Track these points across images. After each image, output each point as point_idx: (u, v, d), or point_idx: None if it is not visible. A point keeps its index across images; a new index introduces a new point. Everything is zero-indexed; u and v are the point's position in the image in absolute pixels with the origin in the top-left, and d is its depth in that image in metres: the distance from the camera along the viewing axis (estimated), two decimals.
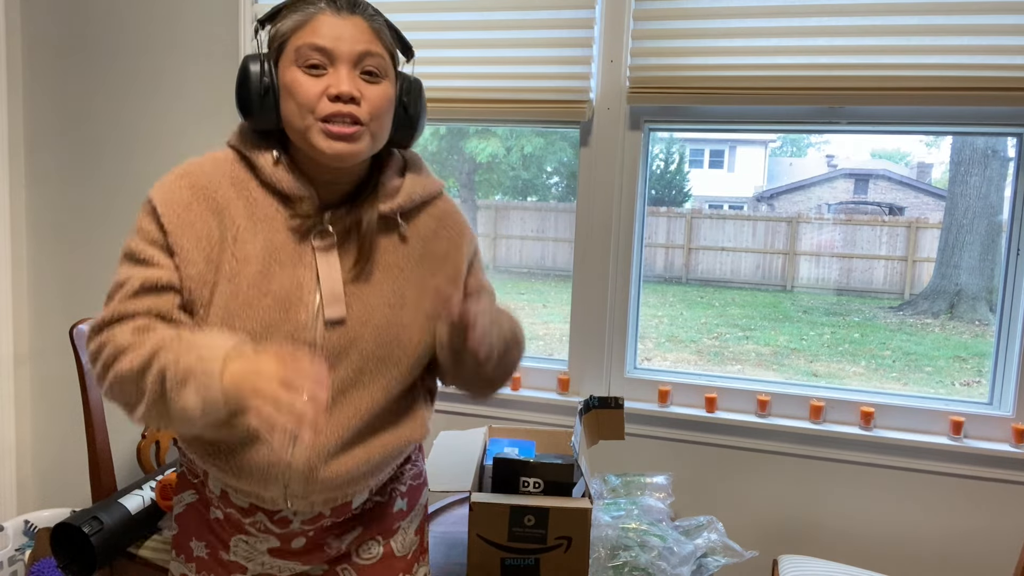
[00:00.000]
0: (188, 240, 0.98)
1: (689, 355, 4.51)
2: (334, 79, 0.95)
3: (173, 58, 2.18)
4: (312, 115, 0.95)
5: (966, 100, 1.65)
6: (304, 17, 0.96)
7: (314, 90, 0.95)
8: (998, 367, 1.79)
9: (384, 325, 1.04)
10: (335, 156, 0.96)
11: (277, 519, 1.07)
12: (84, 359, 1.72)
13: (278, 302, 0.99)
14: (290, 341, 0.99)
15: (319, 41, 0.95)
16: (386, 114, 0.99)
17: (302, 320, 0.99)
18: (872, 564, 1.82)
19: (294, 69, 0.96)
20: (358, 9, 0.98)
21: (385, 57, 0.99)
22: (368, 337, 1.02)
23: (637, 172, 1.90)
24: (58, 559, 1.59)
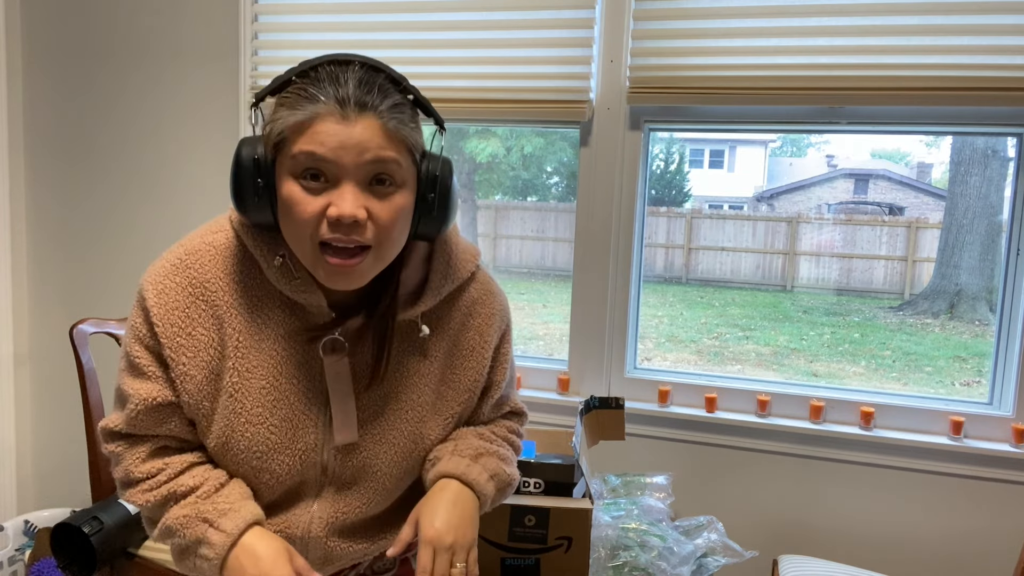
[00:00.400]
0: (185, 354, 0.89)
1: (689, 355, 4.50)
2: (337, 198, 0.80)
3: (173, 59, 2.18)
4: (310, 239, 0.82)
5: (966, 100, 1.65)
6: (305, 117, 0.80)
7: (312, 210, 0.81)
8: (998, 367, 1.79)
9: (402, 443, 0.96)
10: (335, 287, 0.85)
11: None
12: (84, 359, 1.72)
13: (285, 421, 0.91)
14: (298, 463, 0.92)
15: (319, 150, 0.79)
16: (399, 230, 0.86)
17: (311, 441, 0.92)
18: (872, 564, 1.82)
19: (291, 182, 0.82)
20: (370, 106, 0.81)
21: (402, 160, 0.83)
22: (384, 456, 0.95)
23: (637, 172, 1.90)
24: (58, 559, 1.59)
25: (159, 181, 2.23)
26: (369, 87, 0.81)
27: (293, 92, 0.82)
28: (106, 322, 1.81)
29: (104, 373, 2.34)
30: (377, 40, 1.98)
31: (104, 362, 2.30)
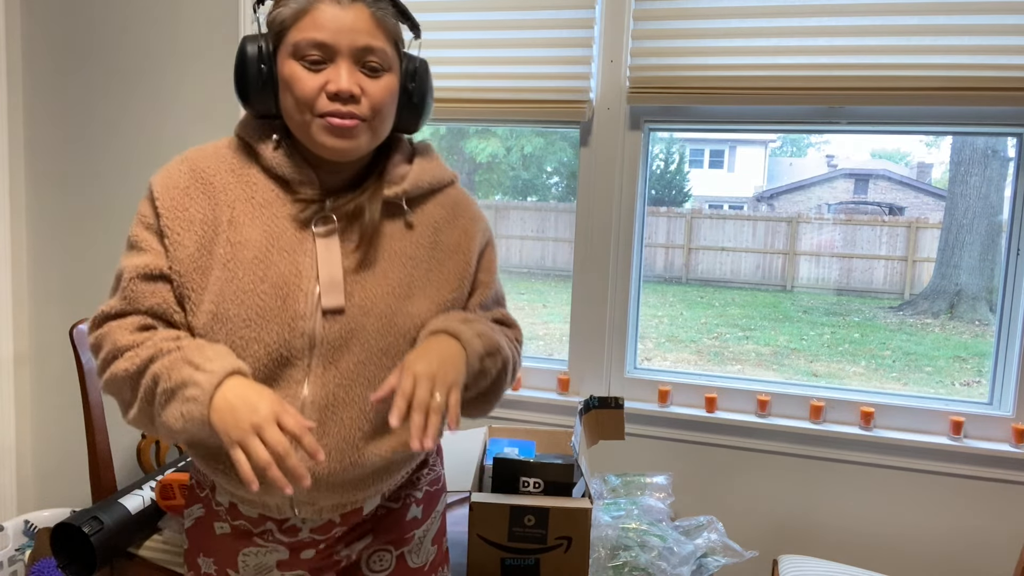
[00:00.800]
0: (179, 223, 0.96)
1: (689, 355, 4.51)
2: (334, 75, 0.91)
3: (173, 59, 2.18)
4: (311, 111, 0.92)
5: (966, 100, 1.65)
6: (304, 5, 0.92)
7: (313, 85, 0.91)
8: (998, 367, 1.79)
9: (388, 314, 0.99)
10: (334, 152, 0.94)
11: (286, 528, 1.04)
12: (84, 359, 1.72)
13: (275, 289, 0.95)
14: (287, 331, 0.95)
15: (318, 36, 0.90)
16: (388, 107, 0.96)
17: (300, 309, 0.95)
18: (872, 564, 1.82)
19: (292, 63, 0.92)
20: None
21: (388, 49, 0.95)
22: (370, 327, 0.98)
23: (637, 172, 1.90)
24: (58, 559, 1.59)
25: None
26: None
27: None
28: None
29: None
30: None
31: None
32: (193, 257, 0.95)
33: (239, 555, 1.06)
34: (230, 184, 0.98)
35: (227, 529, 1.06)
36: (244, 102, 0.97)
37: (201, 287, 0.95)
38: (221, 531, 1.07)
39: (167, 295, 0.96)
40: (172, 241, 0.95)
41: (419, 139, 1.12)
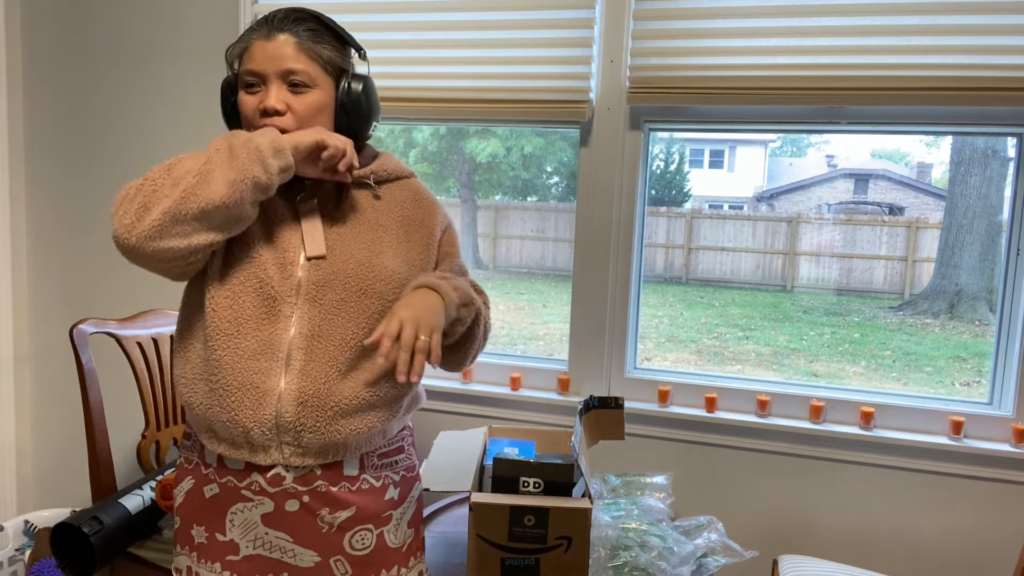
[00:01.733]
0: None
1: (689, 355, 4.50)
2: (264, 95, 1.14)
3: (173, 60, 2.18)
4: (253, 128, 1.15)
5: (966, 100, 1.65)
6: (244, 45, 1.15)
7: (252, 105, 1.15)
8: (998, 367, 1.79)
9: (364, 262, 1.16)
10: None
11: (271, 476, 1.13)
12: (84, 359, 1.72)
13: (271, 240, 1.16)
14: (278, 273, 1.13)
15: (251, 66, 1.13)
16: (315, 118, 1.16)
17: (289, 256, 1.15)
18: (872, 564, 1.82)
19: (241, 91, 1.16)
20: (287, 27, 1.13)
21: (310, 69, 1.14)
22: (350, 272, 1.15)
23: (637, 172, 1.90)
24: (58, 559, 1.59)
25: None
26: (287, 18, 1.14)
27: (246, 32, 1.16)
28: (106, 322, 1.81)
29: (104, 373, 2.34)
30: (377, 40, 1.99)
31: (104, 362, 2.30)
32: None
33: (227, 514, 1.16)
34: None
35: (216, 490, 1.16)
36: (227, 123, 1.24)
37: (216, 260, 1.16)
38: (211, 493, 1.17)
39: None
40: None
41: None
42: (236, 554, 1.17)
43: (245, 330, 1.12)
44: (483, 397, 2.04)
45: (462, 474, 1.68)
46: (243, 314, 1.12)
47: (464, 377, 2.09)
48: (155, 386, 1.87)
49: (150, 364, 1.86)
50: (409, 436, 1.31)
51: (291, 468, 1.14)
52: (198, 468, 1.20)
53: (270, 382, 1.11)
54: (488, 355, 2.14)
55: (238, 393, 1.11)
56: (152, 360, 1.87)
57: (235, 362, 1.11)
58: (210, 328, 1.12)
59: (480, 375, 2.10)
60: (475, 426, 2.04)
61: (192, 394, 1.15)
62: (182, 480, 1.22)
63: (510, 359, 2.12)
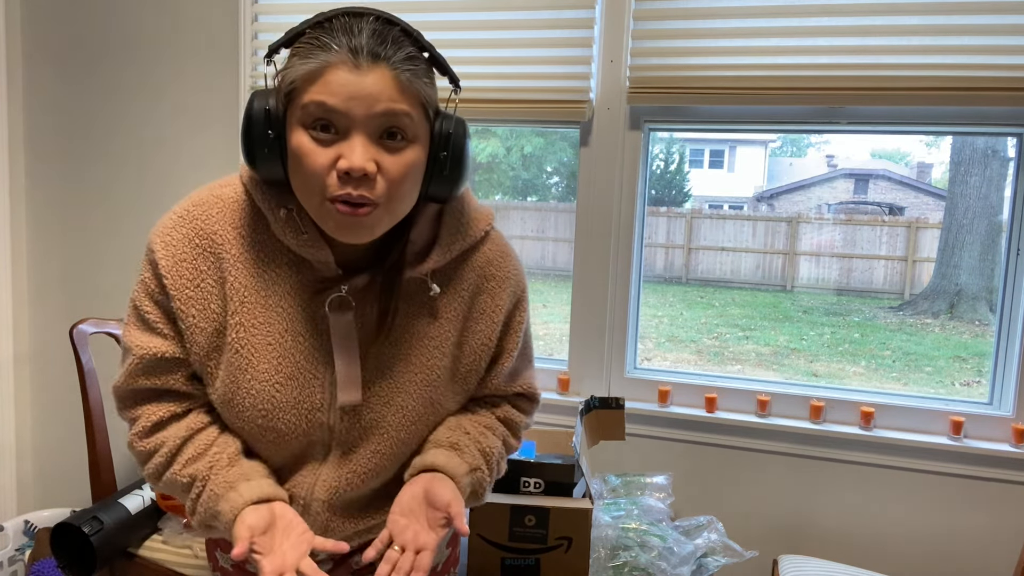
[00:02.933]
0: (195, 307, 0.88)
1: (689, 355, 4.51)
2: (347, 149, 0.79)
3: (173, 59, 2.18)
4: (319, 193, 0.80)
5: (966, 100, 1.65)
6: (317, 66, 0.79)
7: (322, 161, 0.79)
8: (998, 367, 1.79)
9: (410, 406, 0.93)
10: (343, 239, 0.83)
11: None
12: (84, 359, 1.72)
13: (290, 379, 0.89)
14: (305, 423, 0.90)
15: (330, 101, 0.78)
16: (409, 185, 0.84)
17: (316, 401, 0.90)
18: (872, 564, 1.82)
19: (301, 132, 0.80)
20: (384, 53, 0.79)
21: (414, 114, 0.81)
22: (391, 420, 0.92)
23: (637, 172, 1.90)
24: (58, 559, 1.59)
25: (159, 181, 2.23)
26: (383, 38, 0.80)
27: (306, 42, 0.81)
28: (106, 322, 1.81)
29: (104, 373, 2.34)
30: None
31: (104, 362, 2.30)
32: (210, 339, 0.89)
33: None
34: (240, 257, 0.89)
35: None
36: (251, 167, 0.86)
37: (215, 367, 0.90)
38: None
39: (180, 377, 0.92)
40: (188, 326, 0.89)
41: None
42: None
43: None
44: None
45: None
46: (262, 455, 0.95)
47: None
48: None
49: None
50: None
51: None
52: None
53: None
54: None
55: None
56: None
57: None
58: None
59: None
60: None
61: None
62: None
63: None
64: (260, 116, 0.82)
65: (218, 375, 0.90)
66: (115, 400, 0.96)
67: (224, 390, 0.90)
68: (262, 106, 0.82)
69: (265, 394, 0.89)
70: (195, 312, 0.88)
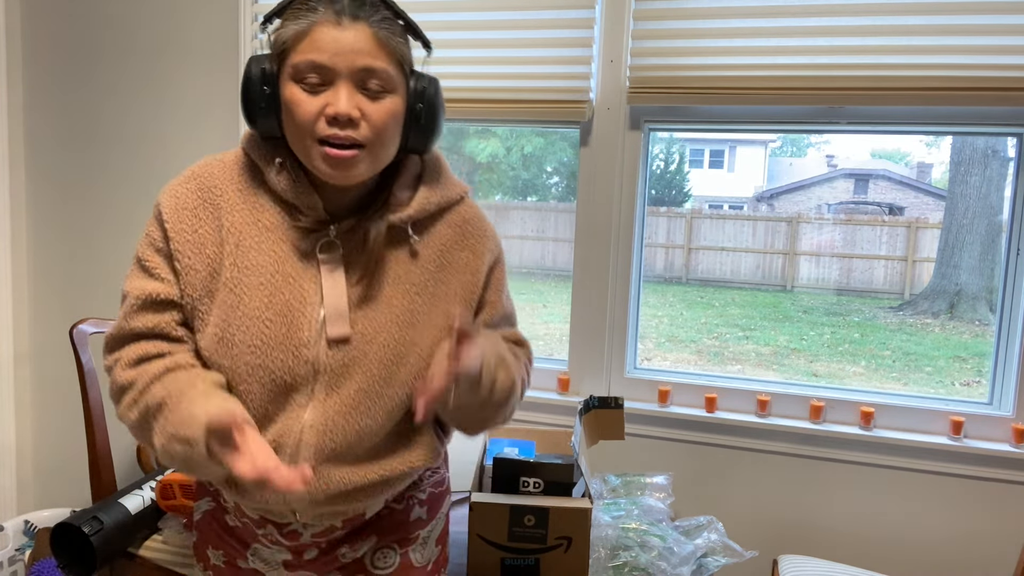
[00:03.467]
0: (190, 247, 0.96)
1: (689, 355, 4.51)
2: (333, 97, 0.89)
3: (174, 57, 2.18)
4: (310, 136, 0.91)
5: (966, 100, 1.65)
6: (303, 26, 0.90)
7: (311, 109, 0.90)
8: (998, 367, 1.79)
9: (391, 344, 0.99)
10: (333, 179, 0.93)
11: (287, 532, 1.06)
12: (84, 359, 1.72)
13: (280, 316, 0.95)
14: (292, 358, 0.95)
15: (316, 57, 0.89)
16: (390, 131, 0.94)
17: (304, 337, 0.96)
18: (872, 564, 1.82)
19: (292, 85, 0.91)
20: (363, 14, 0.90)
21: (391, 69, 0.92)
22: (373, 356, 0.98)
23: (637, 172, 1.90)
24: (58, 559, 1.59)
25: (159, 181, 2.23)
26: (361, 2, 0.91)
27: (295, 7, 0.92)
28: (106, 322, 1.81)
29: (104, 373, 2.34)
30: None
31: None
32: (204, 281, 0.96)
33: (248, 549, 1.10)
34: (237, 206, 0.98)
35: (236, 523, 1.09)
36: (250, 123, 0.96)
37: (208, 310, 0.97)
38: (232, 523, 1.10)
39: (171, 318, 0.98)
40: (184, 266, 0.96)
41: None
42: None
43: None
44: None
45: (462, 474, 1.68)
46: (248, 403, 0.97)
47: None
48: None
49: None
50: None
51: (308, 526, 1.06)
52: (217, 495, 1.11)
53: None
54: None
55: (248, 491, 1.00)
56: None
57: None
58: None
59: None
60: None
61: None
62: (201, 497, 1.14)
63: None
64: (257, 76, 0.93)
65: (211, 315, 0.97)
66: (105, 348, 1.00)
67: (217, 328, 0.96)
68: (259, 67, 0.93)
69: (255, 329, 0.95)
70: (191, 254, 0.97)
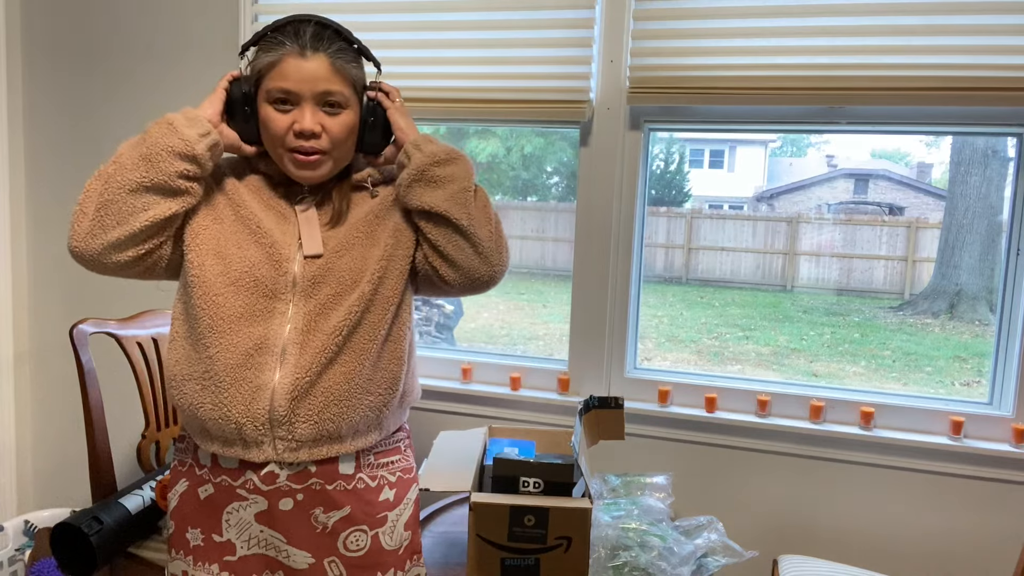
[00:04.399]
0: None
1: (689, 355, 4.50)
2: (299, 116, 1.14)
3: (173, 59, 2.18)
4: (282, 146, 1.16)
5: (966, 100, 1.65)
6: (274, 58, 1.14)
7: (282, 125, 1.15)
8: (998, 367, 1.79)
9: (357, 256, 1.19)
10: (301, 179, 1.19)
11: (264, 474, 1.14)
12: (84, 359, 1.72)
13: (266, 236, 1.17)
14: (274, 270, 1.16)
15: (284, 84, 1.13)
16: (346, 139, 1.19)
17: (285, 254, 1.17)
18: (872, 564, 1.82)
19: (267, 106, 1.16)
20: (322, 47, 1.14)
21: (346, 91, 1.17)
22: (343, 267, 1.18)
23: (637, 172, 1.90)
24: (58, 559, 1.59)
25: None
26: (320, 36, 1.15)
27: (267, 41, 1.16)
28: (106, 322, 1.81)
29: (104, 373, 2.34)
30: (377, 40, 1.98)
31: (104, 362, 2.30)
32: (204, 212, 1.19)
33: (223, 514, 1.17)
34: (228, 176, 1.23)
35: (211, 490, 1.19)
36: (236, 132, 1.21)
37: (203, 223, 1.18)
38: (206, 494, 1.18)
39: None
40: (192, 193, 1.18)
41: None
42: (233, 554, 1.17)
43: (239, 327, 1.13)
44: (483, 397, 2.04)
45: (462, 474, 1.68)
46: (237, 311, 1.14)
47: (464, 377, 2.09)
48: (155, 386, 1.87)
49: (150, 364, 1.86)
50: (406, 438, 1.33)
51: (285, 465, 1.15)
52: (192, 470, 1.21)
53: (263, 377, 1.12)
54: (488, 355, 2.14)
55: (231, 389, 1.12)
56: (152, 360, 1.87)
57: (229, 359, 1.12)
58: (203, 326, 1.13)
59: (480, 375, 2.10)
60: (475, 426, 2.04)
61: (182, 395, 1.16)
62: (176, 483, 1.23)
63: (510, 359, 2.12)
64: (238, 97, 1.19)
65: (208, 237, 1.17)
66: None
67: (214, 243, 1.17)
68: (239, 90, 1.19)
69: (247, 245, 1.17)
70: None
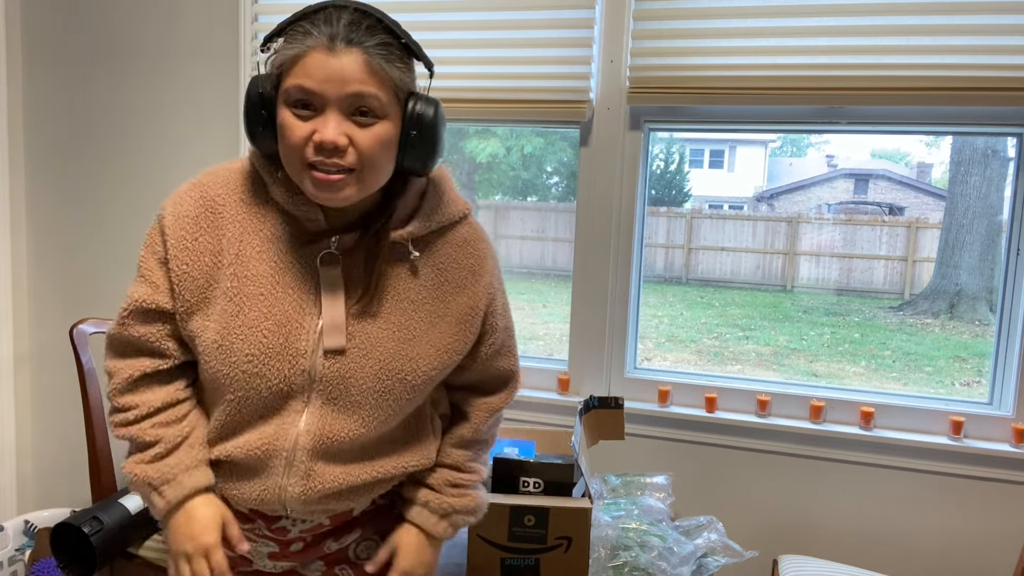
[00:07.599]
0: (187, 254, 0.97)
1: (689, 355, 4.50)
2: (321, 124, 0.89)
3: (173, 59, 2.18)
4: (300, 160, 0.91)
5: (966, 100, 1.65)
6: (298, 51, 0.89)
7: (301, 134, 0.90)
8: (998, 367, 1.79)
9: (386, 359, 0.99)
10: (322, 201, 0.94)
11: (275, 528, 1.08)
12: (84, 359, 1.72)
13: (279, 326, 0.96)
14: (288, 368, 0.97)
15: (306, 83, 0.89)
16: (379, 157, 0.93)
17: (301, 347, 0.97)
18: (872, 564, 1.82)
19: (285, 109, 0.91)
20: (357, 39, 0.89)
21: (382, 95, 0.91)
22: (368, 370, 0.99)
23: (637, 172, 1.90)
24: (58, 559, 1.59)
25: (159, 181, 2.23)
26: (357, 26, 0.90)
27: (294, 30, 0.91)
28: (106, 322, 1.81)
29: (104, 373, 2.34)
30: None
31: None
32: (201, 289, 0.97)
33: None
34: (240, 215, 0.99)
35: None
36: (251, 141, 0.98)
37: (206, 317, 0.98)
38: None
39: (160, 330, 1.01)
40: (179, 274, 0.97)
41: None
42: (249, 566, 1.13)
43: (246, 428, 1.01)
44: None
45: None
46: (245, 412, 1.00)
47: None
48: None
49: None
50: None
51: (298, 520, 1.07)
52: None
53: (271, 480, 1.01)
54: None
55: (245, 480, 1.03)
56: None
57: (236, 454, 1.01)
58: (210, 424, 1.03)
59: None
60: None
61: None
62: None
63: None
64: (255, 97, 0.94)
65: (210, 321, 0.97)
66: (105, 347, 1.06)
67: (216, 335, 0.97)
68: (256, 89, 0.94)
69: (254, 339, 0.96)
70: (188, 261, 0.98)
